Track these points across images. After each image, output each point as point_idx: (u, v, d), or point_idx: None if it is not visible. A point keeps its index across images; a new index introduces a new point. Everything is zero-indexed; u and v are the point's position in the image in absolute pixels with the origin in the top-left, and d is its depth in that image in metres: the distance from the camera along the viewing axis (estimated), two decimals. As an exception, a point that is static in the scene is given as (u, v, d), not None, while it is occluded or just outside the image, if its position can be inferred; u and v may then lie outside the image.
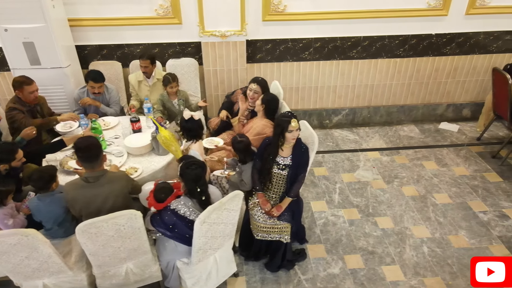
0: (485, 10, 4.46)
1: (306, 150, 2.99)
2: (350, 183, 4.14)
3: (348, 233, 3.52)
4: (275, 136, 2.91)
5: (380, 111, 5.14)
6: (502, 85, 4.20)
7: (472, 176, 4.21)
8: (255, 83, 3.66)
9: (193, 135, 3.02)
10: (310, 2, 4.28)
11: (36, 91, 3.58)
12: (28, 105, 3.58)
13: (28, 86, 3.50)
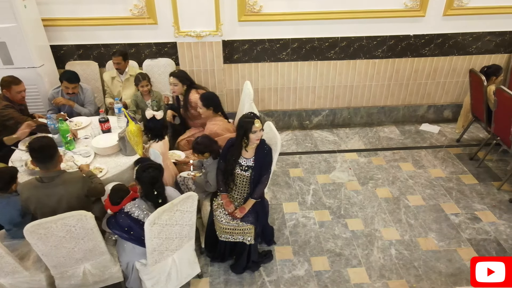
0: (463, 11, 4.44)
1: (269, 151, 2.98)
2: (324, 185, 4.12)
3: (317, 234, 3.51)
4: (238, 137, 2.90)
5: (361, 112, 5.12)
6: (478, 87, 4.18)
7: (448, 178, 4.19)
8: (172, 76, 3.80)
9: (155, 135, 3.02)
10: (286, 3, 4.27)
11: (24, 91, 3.61)
12: (17, 104, 3.60)
13: (16, 86, 3.53)
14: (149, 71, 4.48)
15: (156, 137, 3.02)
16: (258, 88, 4.82)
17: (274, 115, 5.04)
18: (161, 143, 3.01)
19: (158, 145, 2.99)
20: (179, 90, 3.84)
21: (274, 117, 5.05)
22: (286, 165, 4.44)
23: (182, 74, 3.86)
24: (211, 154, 3.06)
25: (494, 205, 3.81)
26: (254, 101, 4.74)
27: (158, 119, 2.95)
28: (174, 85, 3.80)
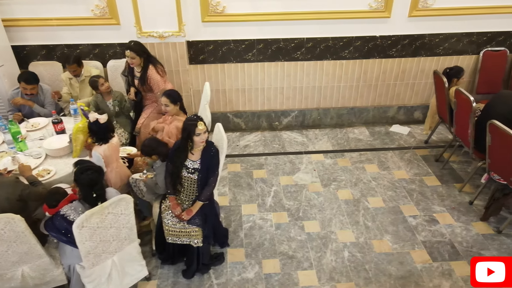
0: (428, 12, 4.42)
1: (215, 154, 2.96)
2: (286, 186, 4.11)
3: (272, 237, 3.49)
4: (183, 140, 2.88)
5: (330, 113, 5.10)
6: (442, 89, 4.16)
7: (411, 180, 4.17)
8: (128, 49, 3.77)
9: (99, 138, 2.99)
10: (249, 3, 4.25)
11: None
12: None
13: None
14: (113, 72, 4.46)
15: (100, 140, 3.00)
16: (225, 89, 4.81)
17: (243, 116, 5.02)
18: (105, 147, 3.00)
19: (101, 149, 2.97)
20: (137, 63, 3.86)
21: (243, 118, 5.03)
22: (250, 167, 4.42)
23: (139, 47, 3.86)
24: (159, 157, 3.04)
25: (453, 207, 3.79)
26: (222, 102, 4.77)
27: (102, 123, 2.93)
28: (131, 58, 3.81)
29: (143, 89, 3.99)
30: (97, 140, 2.99)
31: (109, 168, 3.06)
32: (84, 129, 3.02)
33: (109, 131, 3.00)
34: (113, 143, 3.09)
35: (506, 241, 3.41)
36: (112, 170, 3.06)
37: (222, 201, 3.91)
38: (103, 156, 2.89)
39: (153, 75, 3.88)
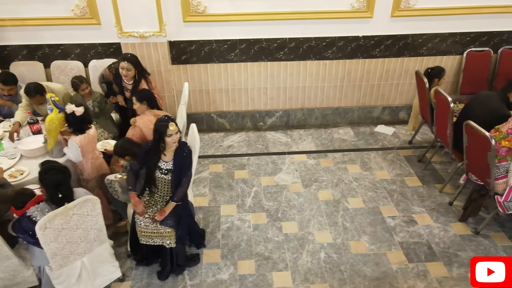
0: (411, 13, 4.41)
1: (188, 154, 2.95)
2: (267, 187, 4.09)
3: (249, 238, 3.48)
4: (155, 141, 2.87)
5: (315, 113, 5.09)
6: (423, 89, 4.15)
7: (393, 181, 4.16)
8: (125, 60, 3.66)
9: (76, 129, 3.03)
10: (231, 3, 4.24)
11: None
12: None
13: None
14: (95, 72, 4.45)
15: (76, 131, 3.03)
16: (208, 89, 4.79)
17: (227, 116, 5.00)
18: (82, 137, 3.05)
19: (78, 138, 3.03)
20: (131, 75, 3.74)
21: (227, 118, 5.02)
22: (232, 167, 4.41)
23: (135, 59, 3.77)
24: (132, 158, 3.03)
25: (433, 208, 3.78)
26: (206, 102, 4.77)
27: (78, 115, 2.95)
28: (127, 70, 3.69)
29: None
30: (74, 130, 3.02)
31: (85, 158, 3.15)
32: (58, 120, 3.02)
33: (85, 122, 3.04)
34: (90, 134, 3.13)
35: (483, 242, 3.40)
36: (88, 160, 3.15)
37: (201, 201, 3.90)
38: (79, 146, 2.92)
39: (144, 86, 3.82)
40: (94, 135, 3.19)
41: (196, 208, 3.82)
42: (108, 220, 3.38)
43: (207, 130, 5.09)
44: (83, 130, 3.05)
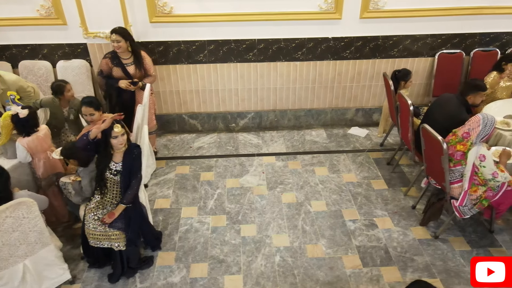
0: (380, 14, 4.37)
1: (137, 156, 2.93)
2: (231, 189, 4.07)
3: (206, 240, 3.46)
4: (102, 142, 2.85)
5: (288, 115, 5.06)
6: (390, 91, 4.11)
7: (359, 183, 4.13)
8: (114, 33, 3.75)
9: (20, 130, 3.02)
10: (197, 4, 4.22)
11: None
12: None
13: None
14: (63, 72, 4.44)
15: (21, 133, 3.02)
16: (179, 90, 4.77)
17: (199, 117, 4.98)
18: (30, 139, 3.07)
19: (25, 140, 3.04)
20: (123, 47, 3.81)
21: (198, 120, 5.00)
22: (199, 169, 4.39)
23: (124, 30, 3.84)
24: (78, 162, 3.01)
25: (395, 211, 3.75)
26: (177, 103, 4.75)
27: (21, 117, 2.94)
28: (117, 41, 3.76)
29: (141, 74, 3.97)
30: (18, 132, 3.01)
31: (37, 158, 3.18)
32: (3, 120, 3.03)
33: (30, 126, 3.02)
34: (40, 135, 3.14)
35: (441, 246, 3.36)
36: (40, 160, 3.17)
37: (163, 203, 3.88)
38: (27, 148, 3.00)
39: (147, 57, 4.00)
40: (46, 135, 3.18)
41: (157, 210, 3.81)
42: (64, 218, 3.38)
43: (179, 131, 5.07)
44: (28, 133, 3.03)
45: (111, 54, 3.89)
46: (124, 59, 3.90)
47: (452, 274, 3.11)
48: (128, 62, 3.92)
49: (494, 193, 3.13)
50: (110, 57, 3.89)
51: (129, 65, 3.92)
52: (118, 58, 3.88)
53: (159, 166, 4.45)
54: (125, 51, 3.85)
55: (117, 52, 3.85)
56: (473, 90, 3.59)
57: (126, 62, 3.92)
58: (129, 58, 3.91)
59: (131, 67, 3.92)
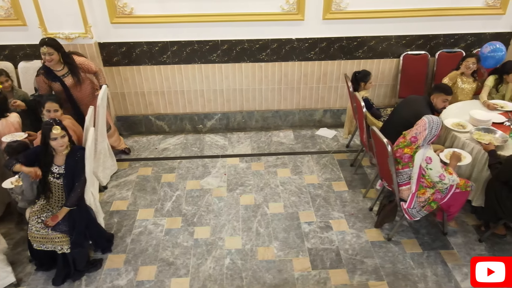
0: (342, 15, 4.36)
1: (80, 159, 2.91)
2: (191, 191, 4.05)
3: (158, 243, 3.44)
4: (43, 145, 2.83)
5: (255, 116, 5.04)
6: (350, 92, 4.10)
7: (320, 185, 4.12)
8: (44, 45, 3.49)
9: None
10: (158, 5, 4.20)
11: None
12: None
13: None
14: (24, 73, 4.41)
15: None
16: (144, 91, 4.75)
17: (165, 118, 4.96)
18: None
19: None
20: (56, 59, 3.58)
21: (165, 121, 4.98)
22: (161, 170, 4.37)
23: (55, 41, 3.60)
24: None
25: (352, 213, 3.73)
26: (142, 104, 4.74)
27: None
28: (49, 54, 3.51)
29: (79, 82, 3.76)
30: None
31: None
32: None
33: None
34: (9, 121, 3.14)
35: (393, 249, 3.35)
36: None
37: (120, 205, 3.86)
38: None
39: (81, 59, 3.82)
40: (15, 122, 3.28)
41: (113, 212, 3.79)
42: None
43: (146, 132, 5.05)
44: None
45: (43, 69, 3.65)
46: (58, 71, 3.66)
47: (399, 277, 3.10)
48: (63, 73, 3.69)
49: (442, 196, 3.12)
50: (44, 73, 3.64)
51: (65, 76, 3.70)
52: (52, 72, 3.64)
53: (122, 167, 4.43)
54: (57, 62, 3.62)
55: (49, 66, 3.61)
56: (437, 90, 3.60)
57: (62, 74, 3.69)
58: (62, 69, 3.67)
59: (67, 78, 3.71)
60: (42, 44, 3.51)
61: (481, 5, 4.40)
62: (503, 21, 4.51)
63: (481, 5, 4.40)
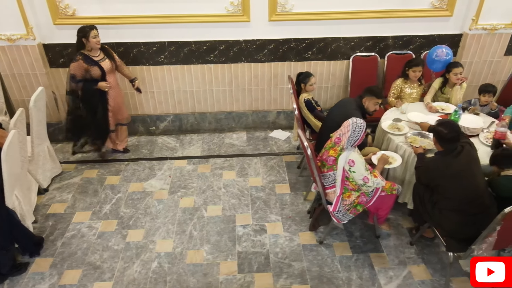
0: (289, 17, 4.34)
1: (-2, 162, 2.87)
2: (132, 193, 4.03)
3: (89, 246, 3.41)
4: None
5: (208, 118, 5.02)
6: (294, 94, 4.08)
7: (263, 187, 4.10)
8: (94, 29, 3.80)
9: None
10: (100, 7, 4.17)
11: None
12: None
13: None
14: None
15: None
16: (93, 92, 4.70)
17: (117, 120, 4.92)
18: None
19: None
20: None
21: (118, 122, 4.94)
22: (107, 173, 4.34)
23: None
24: None
25: (290, 216, 3.72)
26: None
27: None
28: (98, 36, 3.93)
29: (114, 67, 4.07)
30: None
31: None
32: None
33: None
34: None
35: (323, 252, 3.34)
36: None
37: (58, 208, 3.84)
38: None
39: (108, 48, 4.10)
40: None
41: (49, 215, 3.77)
42: None
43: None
44: None
45: (80, 55, 3.83)
46: (95, 56, 3.90)
47: (324, 280, 3.09)
48: (100, 58, 3.93)
49: (368, 199, 3.11)
50: (82, 58, 3.83)
51: (102, 61, 3.94)
52: (89, 57, 3.86)
53: (68, 169, 4.40)
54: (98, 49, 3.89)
55: (87, 51, 3.85)
56: (368, 93, 3.59)
57: (99, 59, 3.92)
58: (99, 54, 3.92)
59: (104, 63, 3.94)
60: (92, 28, 3.77)
61: (428, 7, 4.38)
62: (451, 23, 4.50)
63: (428, 7, 4.38)
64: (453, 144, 2.82)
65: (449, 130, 2.81)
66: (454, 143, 2.82)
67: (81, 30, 3.78)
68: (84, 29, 3.76)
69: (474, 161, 2.89)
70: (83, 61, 3.84)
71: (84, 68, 3.85)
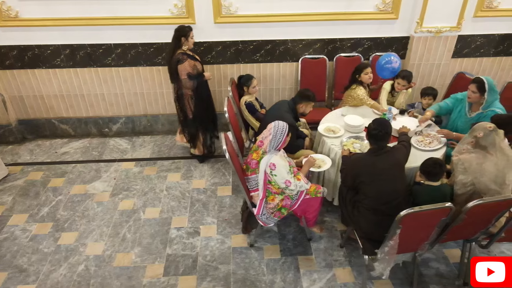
0: (234, 19, 4.35)
1: None
2: (74, 195, 4.03)
3: (19, 249, 3.41)
4: None
5: (160, 120, 5.02)
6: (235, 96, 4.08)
7: (205, 190, 4.10)
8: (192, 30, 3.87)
9: None
10: (45, 8, 4.17)
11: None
12: None
13: None
14: None
15: None
16: (42, 95, 4.72)
17: (69, 122, 4.93)
18: None
19: None
20: None
21: (69, 124, 4.95)
22: (52, 175, 4.34)
23: None
24: None
25: (226, 218, 3.73)
26: (43, 108, 4.77)
27: None
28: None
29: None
30: None
31: None
32: None
33: None
34: None
35: (252, 255, 3.35)
36: None
37: (-5, 211, 3.82)
38: None
39: None
40: None
41: (-15, 217, 3.74)
42: None
43: (51, 136, 5.02)
44: None
45: (184, 54, 3.89)
46: (192, 53, 4.00)
47: (247, 283, 3.10)
48: (194, 53, 4.04)
49: (292, 202, 3.11)
50: (188, 56, 3.91)
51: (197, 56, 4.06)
52: (190, 55, 3.95)
53: (14, 171, 4.39)
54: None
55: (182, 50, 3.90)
56: (304, 99, 3.61)
57: (194, 54, 4.03)
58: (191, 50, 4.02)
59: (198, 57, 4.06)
60: (191, 28, 3.87)
61: (373, 10, 4.39)
62: (398, 26, 4.52)
63: (373, 10, 4.39)
64: (379, 142, 2.82)
65: (375, 127, 2.82)
66: (379, 140, 2.82)
67: (181, 29, 3.83)
68: (184, 29, 3.83)
69: (398, 165, 2.90)
70: (190, 59, 3.91)
71: (193, 65, 3.92)
